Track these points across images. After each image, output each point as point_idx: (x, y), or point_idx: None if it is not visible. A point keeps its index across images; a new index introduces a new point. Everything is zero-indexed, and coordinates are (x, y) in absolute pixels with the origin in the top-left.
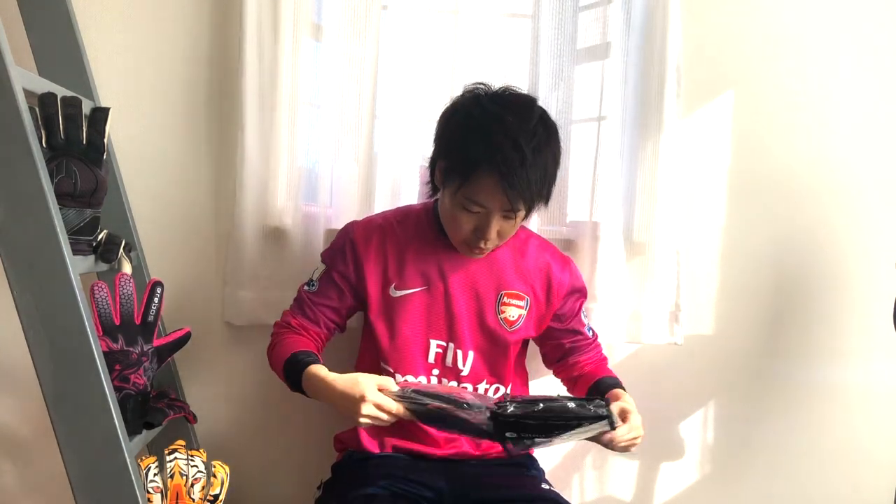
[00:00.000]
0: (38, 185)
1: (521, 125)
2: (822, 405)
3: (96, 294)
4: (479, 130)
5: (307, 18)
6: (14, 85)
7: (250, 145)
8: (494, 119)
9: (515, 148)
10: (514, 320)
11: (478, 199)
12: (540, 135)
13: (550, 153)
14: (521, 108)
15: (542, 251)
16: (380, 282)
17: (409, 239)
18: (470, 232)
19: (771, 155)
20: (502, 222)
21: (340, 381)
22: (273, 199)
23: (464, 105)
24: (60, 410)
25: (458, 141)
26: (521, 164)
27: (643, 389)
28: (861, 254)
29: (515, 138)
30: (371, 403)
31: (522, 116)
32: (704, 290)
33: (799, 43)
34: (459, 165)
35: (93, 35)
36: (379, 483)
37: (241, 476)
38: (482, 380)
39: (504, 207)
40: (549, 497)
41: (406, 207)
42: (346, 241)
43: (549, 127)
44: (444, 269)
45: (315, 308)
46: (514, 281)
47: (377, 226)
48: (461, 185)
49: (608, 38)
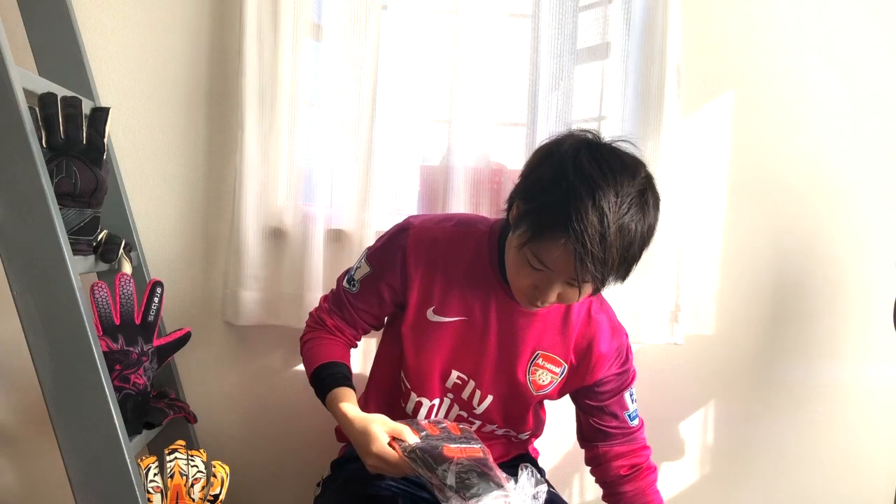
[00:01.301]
0: (38, 185)
1: (616, 198)
2: (822, 405)
3: (96, 294)
4: (567, 188)
5: (307, 18)
6: (14, 85)
7: (250, 145)
8: (587, 180)
9: (601, 222)
10: (544, 385)
11: (544, 260)
12: (634, 211)
13: (640, 233)
14: (622, 175)
15: (597, 315)
16: (420, 299)
17: (463, 265)
18: (528, 287)
19: (771, 155)
20: (566, 288)
21: (356, 423)
22: (273, 199)
23: (561, 151)
24: (60, 410)
25: (543, 190)
26: (601, 241)
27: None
28: (861, 254)
29: (604, 211)
30: (375, 456)
31: (620, 186)
32: (704, 290)
33: (799, 43)
34: (535, 217)
35: (93, 35)
36: (379, 481)
37: (241, 476)
38: (494, 423)
39: (570, 277)
40: (548, 497)
41: (469, 223)
42: (399, 249)
43: (648, 202)
44: (488, 307)
45: (354, 312)
46: (555, 344)
47: (433, 240)
48: (531, 238)
49: (608, 38)
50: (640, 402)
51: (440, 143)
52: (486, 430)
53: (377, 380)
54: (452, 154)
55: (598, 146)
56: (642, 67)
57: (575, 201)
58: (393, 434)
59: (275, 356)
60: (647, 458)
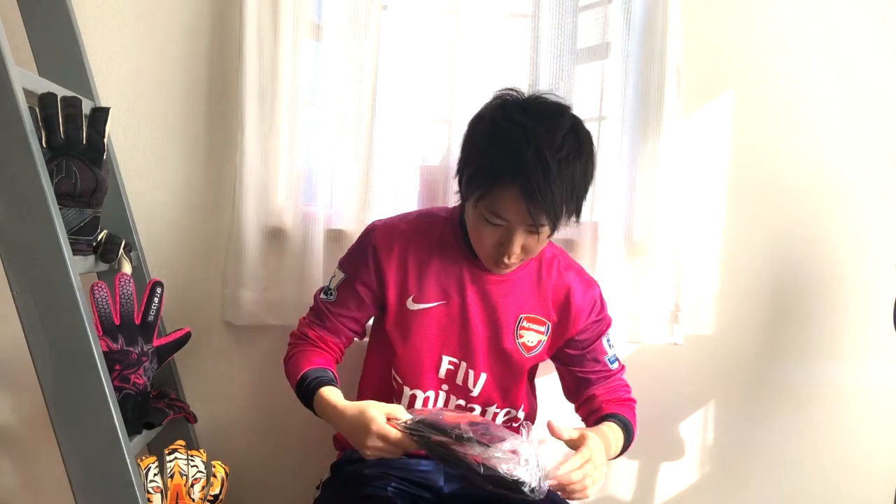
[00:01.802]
0: (38, 185)
1: (549, 135)
2: (822, 405)
3: (96, 294)
4: (503, 140)
5: (307, 18)
6: (14, 85)
7: (250, 145)
8: (520, 128)
9: (540, 159)
10: (533, 346)
11: (499, 211)
12: (569, 146)
13: (580, 166)
14: (550, 116)
15: (566, 271)
16: (398, 292)
17: (432, 250)
18: (493, 246)
19: (771, 155)
20: (527, 237)
21: (349, 410)
22: (273, 199)
23: (491, 113)
24: (60, 410)
25: (482, 150)
26: (545, 178)
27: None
28: (861, 254)
29: (540, 149)
30: (375, 436)
31: (551, 126)
32: (704, 290)
33: (799, 43)
34: (481, 175)
35: (93, 35)
36: (378, 483)
37: (241, 476)
38: (493, 403)
39: (526, 222)
40: (548, 497)
41: (430, 213)
42: (368, 247)
43: (580, 137)
44: (464, 285)
45: (335, 319)
46: (535, 305)
47: (400, 232)
48: (482, 195)
49: (608, 38)
50: (641, 401)
51: (440, 143)
52: (487, 415)
53: (367, 385)
54: (452, 154)
55: (522, 100)
56: (642, 67)
57: (512, 148)
58: (388, 415)
59: (275, 356)
60: (628, 390)
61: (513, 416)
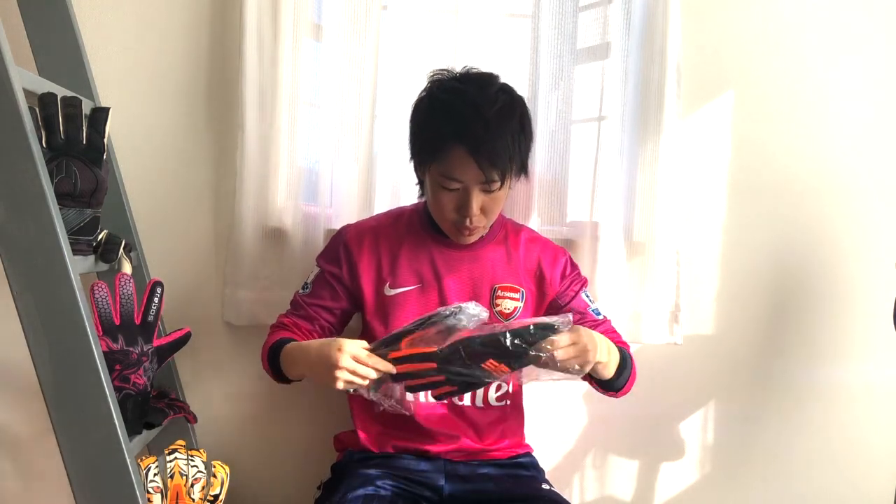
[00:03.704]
0: (38, 185)
1: (482, 93)
2: (822, 405)
3: (96, 294)
4: (442, 107)
5: (307, 18)
6: (14, 85)
7: (250, 145)
8: (455, 93)
9: (477, 115)
10: (509, 312)
11: (451, 173)
12: (502, 101)
13: (516, 119)
14: (480, 80)
15: (533, 244)
16: (374, 282)
17: (402, 238)
18: (454, 211)
19: (771, 155)
20: (483, 197)
21: (316, 342)
22: (273, 199)
23: (427, 91)
24: (60, 410)
25: (425, 122)
26: (485, 130)
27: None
28: (861, 253)
29: (476, 106)
30: (348, 355)
31: (482, 86)
32: (704, 290)
33: (799, 43)
34: (429, 144)
35: (93, 35)
36: (378, 483)
37: (241, 476)
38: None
39: (479, 179)
40: (548, 497)
41: (398, 209)
42: (340, 244)
43: (511, 94)
44: (437, 266)
45: (308, 308)
46: (506, 275)
47: (369, 227)
48: (433, 163)
49: (608, 38)
50: (641, 401)
51: None
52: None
53: None
54: None
55: (453, 74)
56: (642, 67)
57: (452, 112)
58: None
59: None
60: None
61: (504, 391)
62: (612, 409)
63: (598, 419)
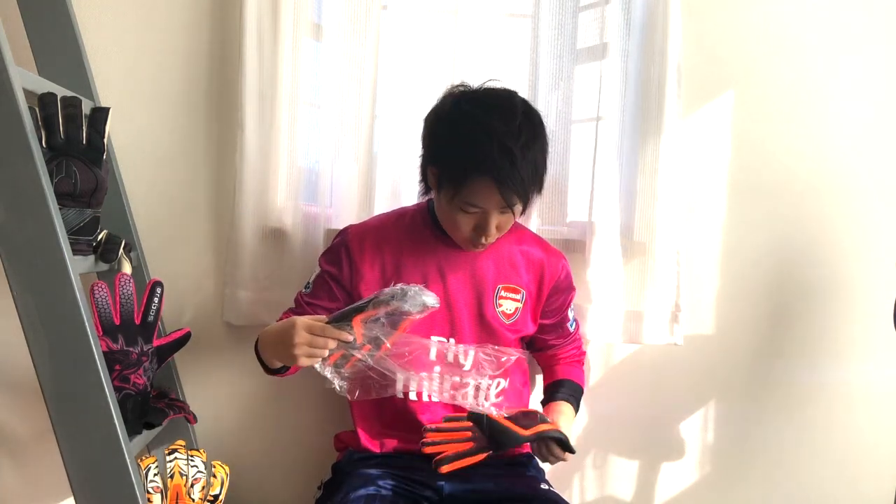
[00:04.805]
0: (38, 185)
1: (507, 127)
2: (822, 405)
3: (96, 294)
4: (466, 139)
5: (307, 18)
6: (14, 85)
7: (250, 145)
8: (478, 125)
9: (504, 151)
10: (510, 313)
11: (475, 202)
12: (526, 132)
13: (539, 147)
14: (502, 108)
15: (535, 245)
16: (378, 282)
17: (406, 239)
18: (470, 230)
19: (771, 155)
20: (500, 217)
21: (275, 324)
22: (273, 199)
23: (445, 111)
24: (60, 410)
25: (447, 150)
26: (511, 165)
27: (643, 389)
28: (861, 253)
29: (503, 142)
30: (301, 328)
31: (506, 117)
32: (704, 290)
33: (799, 43)
34: (452, 174)
35: (93, 35)
36: (379, 483)
37: (241, 476)
38: (484, 375)
39: (500, 206)
40: (548, 497)
41: (400, 209)
42: (342, 246)
43: (533, 121)
44: (442, 266)
45: (307, 307)
46: (510, 275)
47: (372, 228)
48: (456, 193)
49: (608, 38)
50: (641, 402)
51: None
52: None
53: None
54: None
55: (472, 92)
56: (642, 67)
57: (477, 147)
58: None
59: None
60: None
61: (503, 387)
62: (613, 409)
63: (598, 419)
